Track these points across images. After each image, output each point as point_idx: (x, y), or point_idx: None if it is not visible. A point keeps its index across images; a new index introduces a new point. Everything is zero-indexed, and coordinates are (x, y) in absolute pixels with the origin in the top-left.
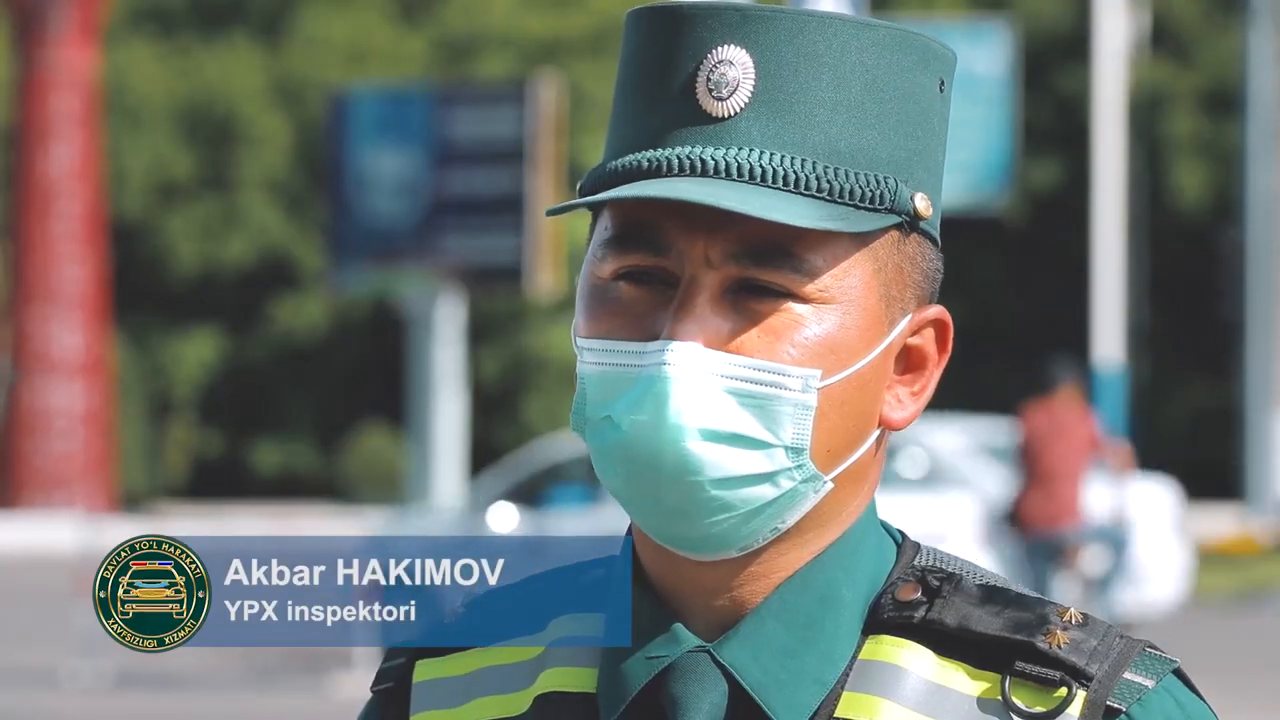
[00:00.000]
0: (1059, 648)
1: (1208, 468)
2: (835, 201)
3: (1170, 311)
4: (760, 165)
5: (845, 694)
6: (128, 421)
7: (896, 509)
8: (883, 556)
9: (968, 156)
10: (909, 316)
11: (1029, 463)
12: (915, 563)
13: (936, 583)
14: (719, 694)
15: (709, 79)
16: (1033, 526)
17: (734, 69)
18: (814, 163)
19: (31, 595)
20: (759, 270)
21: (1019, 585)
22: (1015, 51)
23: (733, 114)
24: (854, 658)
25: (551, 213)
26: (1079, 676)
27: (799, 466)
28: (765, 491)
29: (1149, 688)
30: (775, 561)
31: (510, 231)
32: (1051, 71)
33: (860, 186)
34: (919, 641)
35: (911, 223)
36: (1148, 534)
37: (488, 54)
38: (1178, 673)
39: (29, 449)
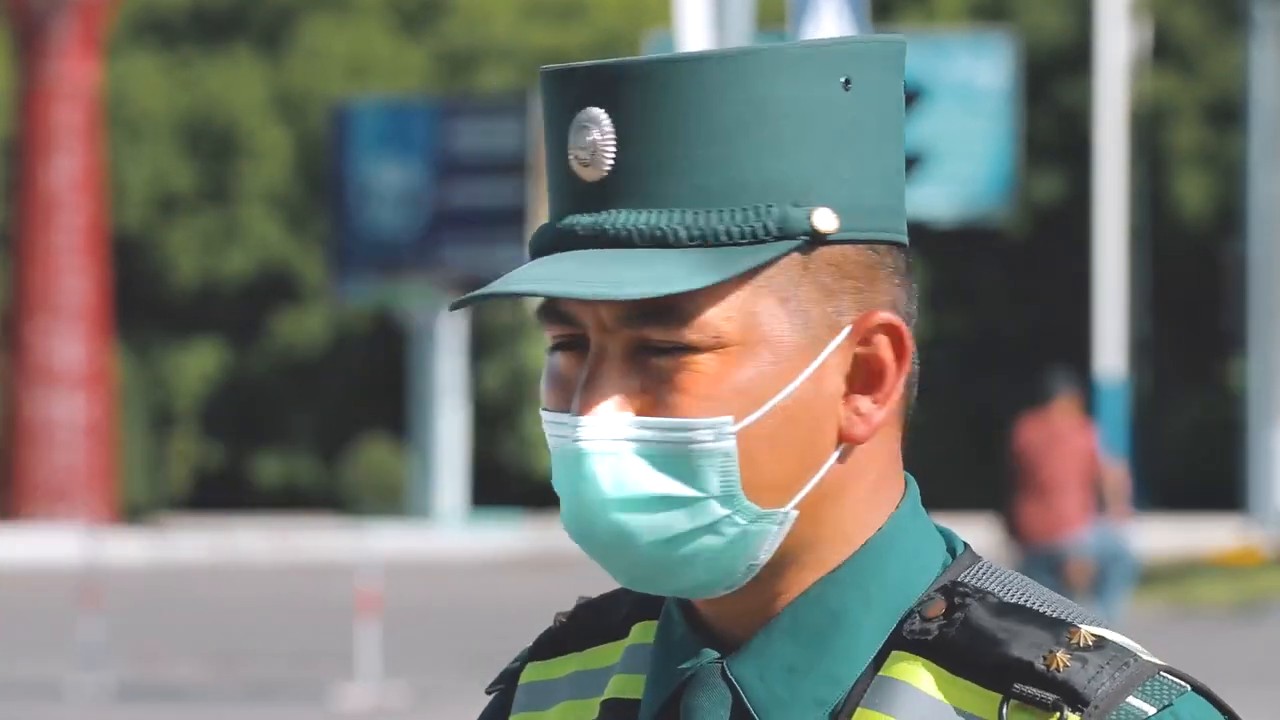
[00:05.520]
0: (1057, 670)
1: (1209, 479)
2: (712, 246)
3: (1172, 323)
4: (627, 228)
5: (859, 710)
6: (129, 433)
7: None
8: (920, 571)
9: (969, 169)
10: (847, 330)
11: (1026, 475)
12: (959, 578)
13: (961, 599)
14: (726, 709)
15: (575, 144)
16: (1031, 539)
17: (594, 131)
18: (682, 212)
19: (34, 607)
20: (651, 329)
21: (1049, 604)
22: (1017, 63)
23: (599, 177)
24: (874, 674)
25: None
26: (1074, 700)
27: (737, 512)
28: (711, 541)
29: (1149, 713)
30: (779, 584)
31: (512, 243)
32: (1053, 83)
33: (738, 225)
34: (934, 659)
35: (814, 241)
36: None
37: (489, 66)
38: (1200, 691)
39: (31, 461)
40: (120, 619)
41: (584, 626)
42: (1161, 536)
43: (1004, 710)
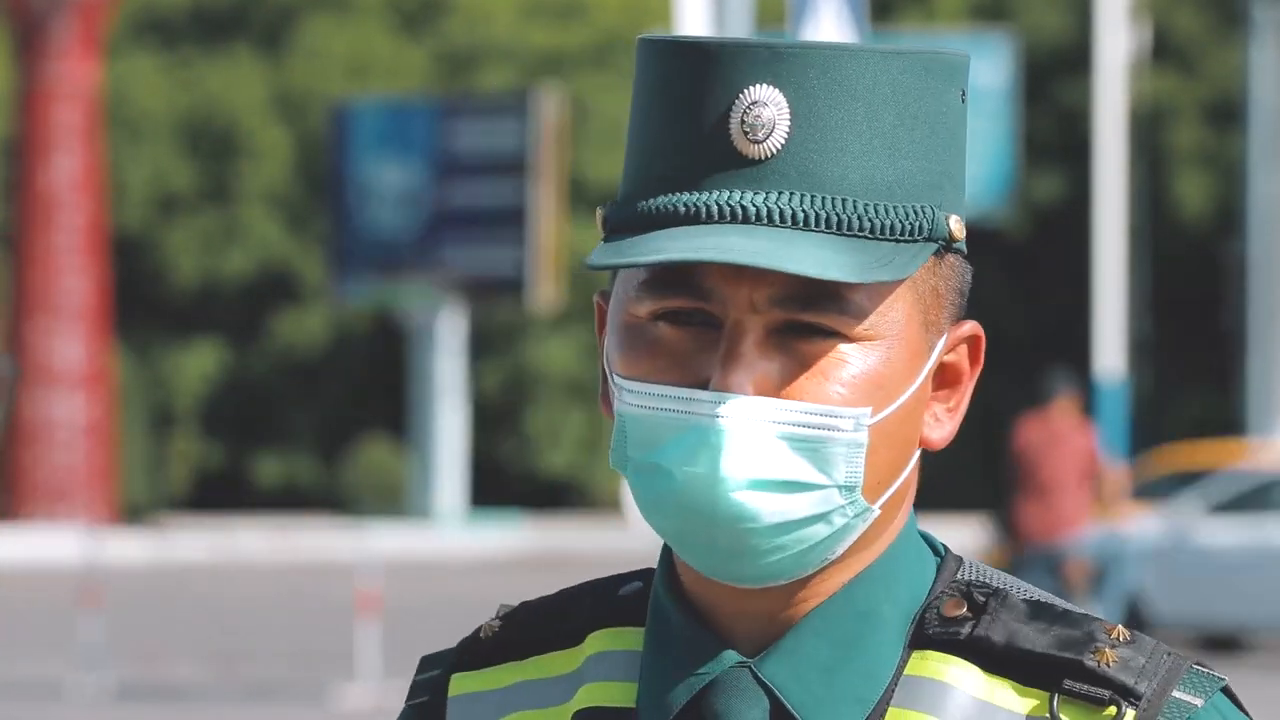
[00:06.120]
0: (1108, 666)
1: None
2: (878, 239)
3: (1172, 323)
4: (802, 210)
5: (891, 709)
6: (129, 433)
7: None
8: (923, 571)
9: (969, 169)
10: (945, 336)
11: (1025, 475)
12: (959, 577)
13: (983, 598)
14: (760, 711)
15: (743, 120)
16: (1030, 539)
17: (768, 109)
18: (854, 201)
19: (34, 607)
20: (805, 313)
21: (1064, 601)
22: (1017, 64)
23: (769, 155)
24: (898, 674)
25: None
26: (1128, 695)
27: (851, 503)
28: (819, 530)
29: (1198, 706)
30: (819, 585)
31: (512, 244)
32: (1053, 84)
33: (901, 220)
34: (965, 658)
35: (947, 246)
36: None
37: (489, 66)
38: (1226, 691)
39: (31, 461)
40: (120, 619)
41: (522, 635)
42: None
43: (1054, 706)
